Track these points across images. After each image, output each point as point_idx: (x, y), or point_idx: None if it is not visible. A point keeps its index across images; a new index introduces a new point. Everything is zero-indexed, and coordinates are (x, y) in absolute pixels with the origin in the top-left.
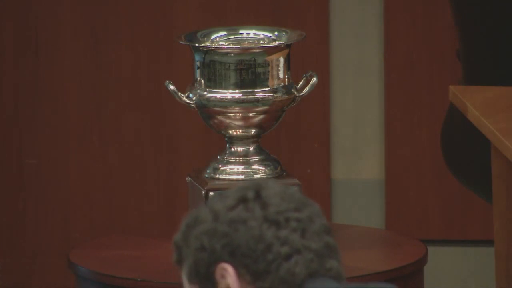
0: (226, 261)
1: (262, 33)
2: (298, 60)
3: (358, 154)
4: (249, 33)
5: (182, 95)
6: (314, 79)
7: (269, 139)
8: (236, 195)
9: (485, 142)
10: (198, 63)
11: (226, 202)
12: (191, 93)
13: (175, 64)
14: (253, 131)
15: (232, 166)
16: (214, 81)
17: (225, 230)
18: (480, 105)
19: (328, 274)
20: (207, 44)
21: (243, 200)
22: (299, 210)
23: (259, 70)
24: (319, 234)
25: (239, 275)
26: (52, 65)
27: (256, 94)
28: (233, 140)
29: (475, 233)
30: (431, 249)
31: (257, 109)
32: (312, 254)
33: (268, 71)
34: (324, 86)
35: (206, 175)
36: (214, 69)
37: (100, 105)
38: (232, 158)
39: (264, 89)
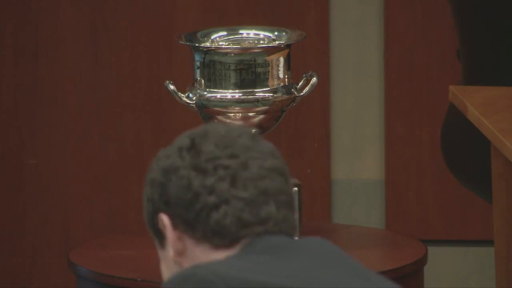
0: (163, 211)
1: (262, 33)
2: (298, 60)
3: (358, 154)
4: (249, 33)
5: (182, 95)
6: (314, 79)
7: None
8: (176, 143)
9: (485, 142)
10: (198, 63)
11: (167, 149)
12: (191, 93)
13: (175, 64)
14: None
15: None
16: (214, 81)
17: (161, 180)
18: (480, 105)
19: (265, 224)
20: (207, 44)
21: (179, 148)
22: (233, 157)
23: (259, 70)
24: (254, 180)
25: (174, 224)
26: (52, 65)
27: (256, 94)
28: None
29: (475, 233)
30: (431, 249)
31: (257, 109)
32: (242, 203)
33: (268, 71)
34: (324, 86)
35: None
36: (214, 69)
37: (100, 105)
38: None
39: (264, 89)
